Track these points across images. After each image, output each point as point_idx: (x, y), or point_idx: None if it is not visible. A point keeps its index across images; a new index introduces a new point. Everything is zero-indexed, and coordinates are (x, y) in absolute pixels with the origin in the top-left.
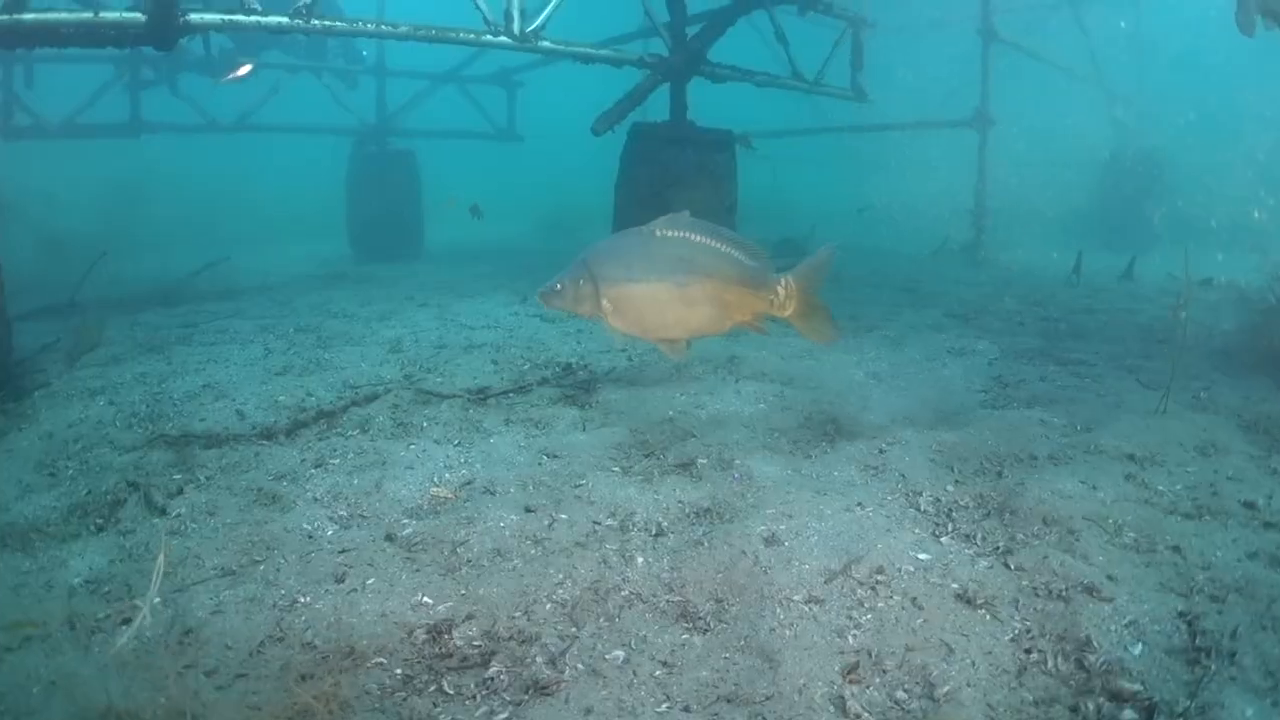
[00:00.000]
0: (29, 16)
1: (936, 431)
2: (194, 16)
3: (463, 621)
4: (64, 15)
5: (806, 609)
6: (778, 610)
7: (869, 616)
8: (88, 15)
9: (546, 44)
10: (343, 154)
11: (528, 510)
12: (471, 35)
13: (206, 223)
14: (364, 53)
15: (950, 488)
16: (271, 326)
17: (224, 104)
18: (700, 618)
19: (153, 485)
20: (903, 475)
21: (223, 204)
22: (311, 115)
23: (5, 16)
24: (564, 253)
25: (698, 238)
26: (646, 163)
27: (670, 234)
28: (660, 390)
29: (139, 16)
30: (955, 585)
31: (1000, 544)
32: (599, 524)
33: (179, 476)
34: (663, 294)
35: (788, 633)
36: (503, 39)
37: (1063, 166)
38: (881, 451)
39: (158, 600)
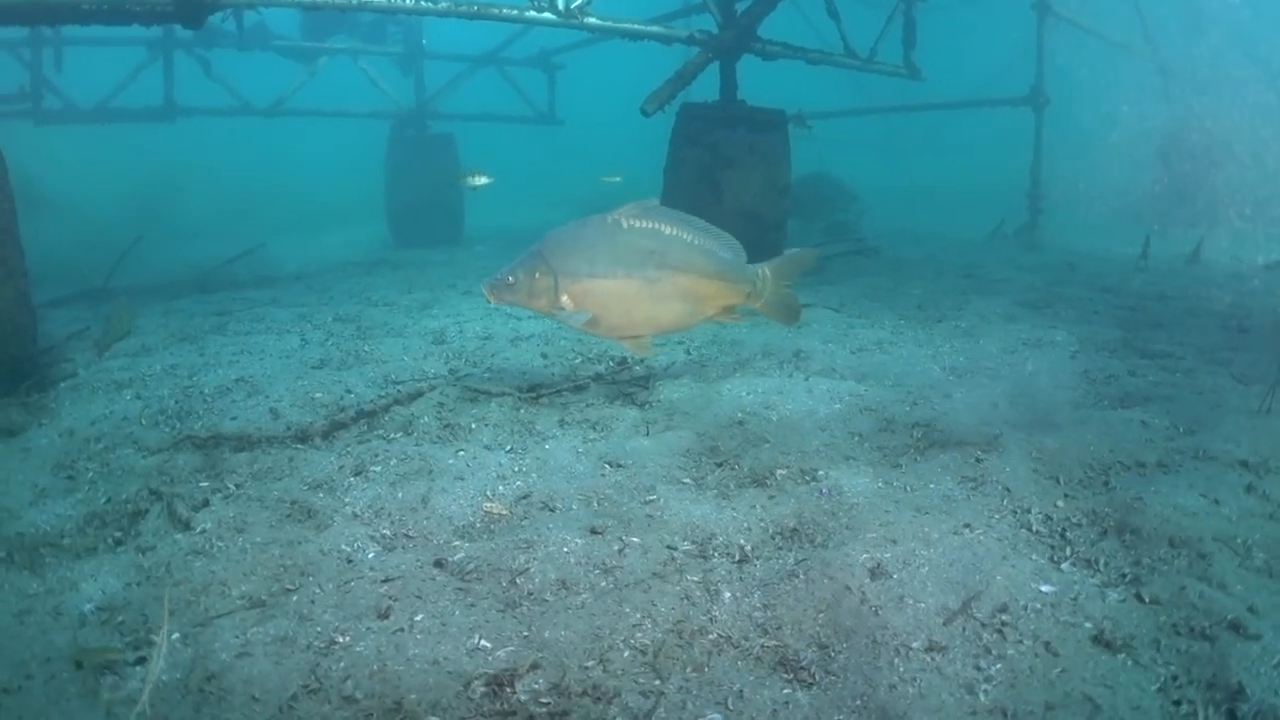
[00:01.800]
0: None
1: (1032, 435)
2: None
3: (527, 671)
4: None
5: (928, 659)
6: (895, 660)
7: (999, 666)
8: None
9: (593, 20)
10: (380, 138)
11: (594, 532)
12: (514, 12)
13: (243, 209)
14: (424, 41)
15: (1060, 503)
16: (309, 315)
17: (260, 88)
18: (803, 667)
19: (177, 495)
20: (1006, 489)
21: (259, 190)
22: (348, 99)
23: None
24: None
25: (669, 229)
26: (696, 144)
27: (639, 224)
28: (724, 388)
29: None
30: (1089, 624)
31: (1126, 571)
32: (675, 549)
33: (206, 484)
34: (631, 290)
35: (910, 690)
36: (547, 15)
37: (1118, 146)
38: (978, 460)
39: (176, 637)
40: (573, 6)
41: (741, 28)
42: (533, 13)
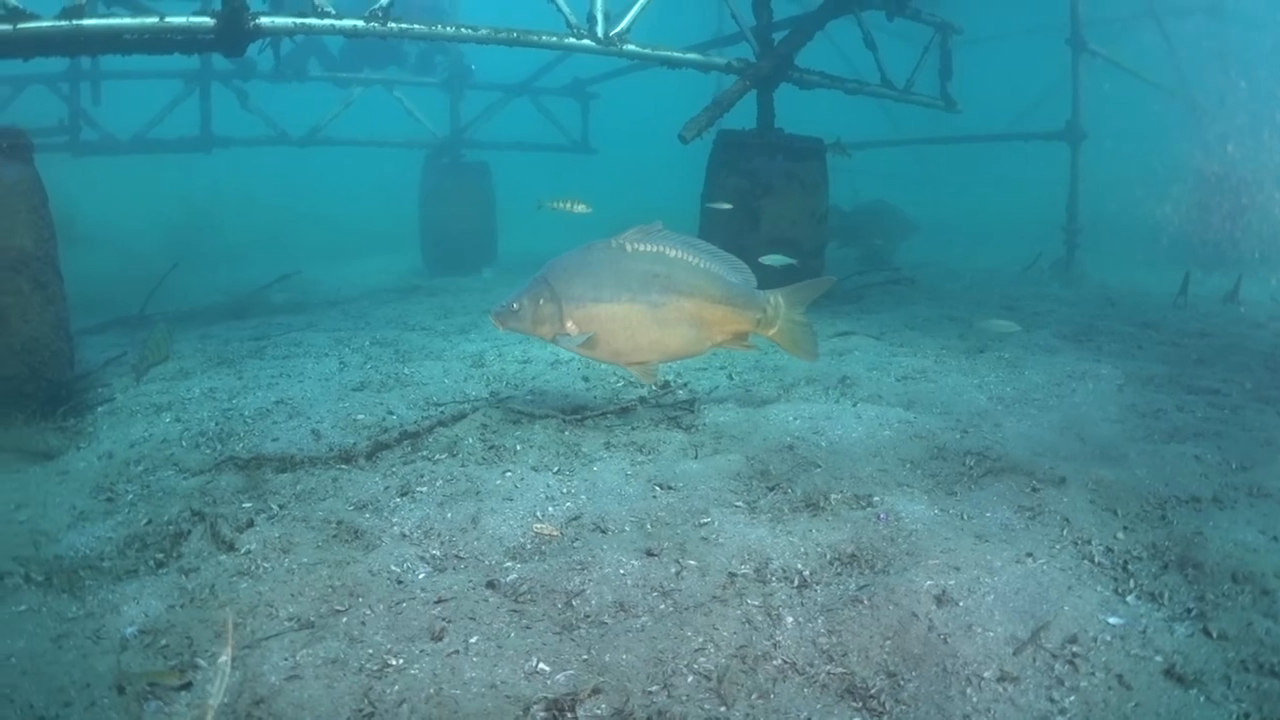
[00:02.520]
0: (90, 22)
1: (1087, 467)
2: (264, 20)
3: (588, 696)
4: (128, 21)
5: (1000, 689)
6: (967, 690)
7: (1073, 699)
8: (153, 21)
9: (632, 47)
10: (414, 167)
11: (649, 554)
12: (554, 38)
13: (277, 237)
14: (472, 66)
15: (1120, 535)
16: (346, 340)
17: (295, 117)
18: (871, 696)
19: (220, 515)
20: (1065, 519)
21: (294, 218)
22: (383, 128)
23: (66, 23)
24: None
25: (674, 252)
26: (734, 171)
27: (643, 248)
28: (771, 412)
29: (207, 21)
30: (1160, 658)
31: (1191, 605)
32: (734, 573)
33: (249, 505)
34: (635, 315)
35: None
36: (586, 42)
37: (1152, 183)
38: (1034, 490)
39: (223, 659)
40: (612, 34)
41: (779, 56)
42: (572, 39)
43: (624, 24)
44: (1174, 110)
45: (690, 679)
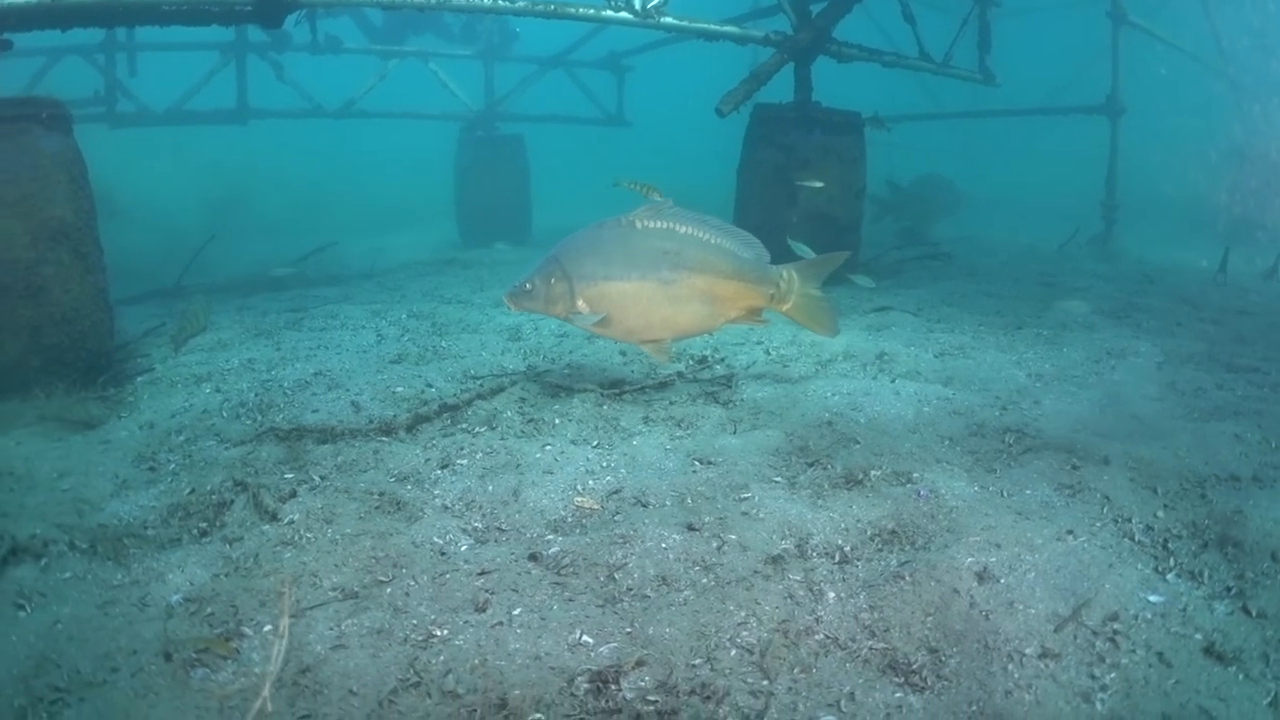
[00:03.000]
0: None
1: (1126, 445)
2: None
3: (632, 669)
4: None
5: (1042, 665)
6: (1009, 666)
7: (1113, 676)
8: None
9: (669, 20)
10: (449, 140)
11: (690, 528)
12: (591, 11)
13: (312, 210)
14: (517, 30)
15: (1160, 513)
16: (383, 312)
17: (330, 89)
18: (914, 671)
19: (263, 486)
20: (1105, 497)
21: (328, 191)
22: (418, 101)
23: None
24: None
25: (684, 228)
26: (771, 145)
27: (653, 225)
28: (809, 388)
29: None
30: (1199, 636)
31: (1231, 584)
32: (775, 548)
33: (291, 476)
34: (646, 293)
35: (1027, 696)
36: (624, 14)
37: (1190, 158)
38: (1074, 468)
39: (269, 629)
40: (649, 6)
41: (817, 29)
42: (609, 12)
43: None
44: (1214, 85)
45: (733, 652)
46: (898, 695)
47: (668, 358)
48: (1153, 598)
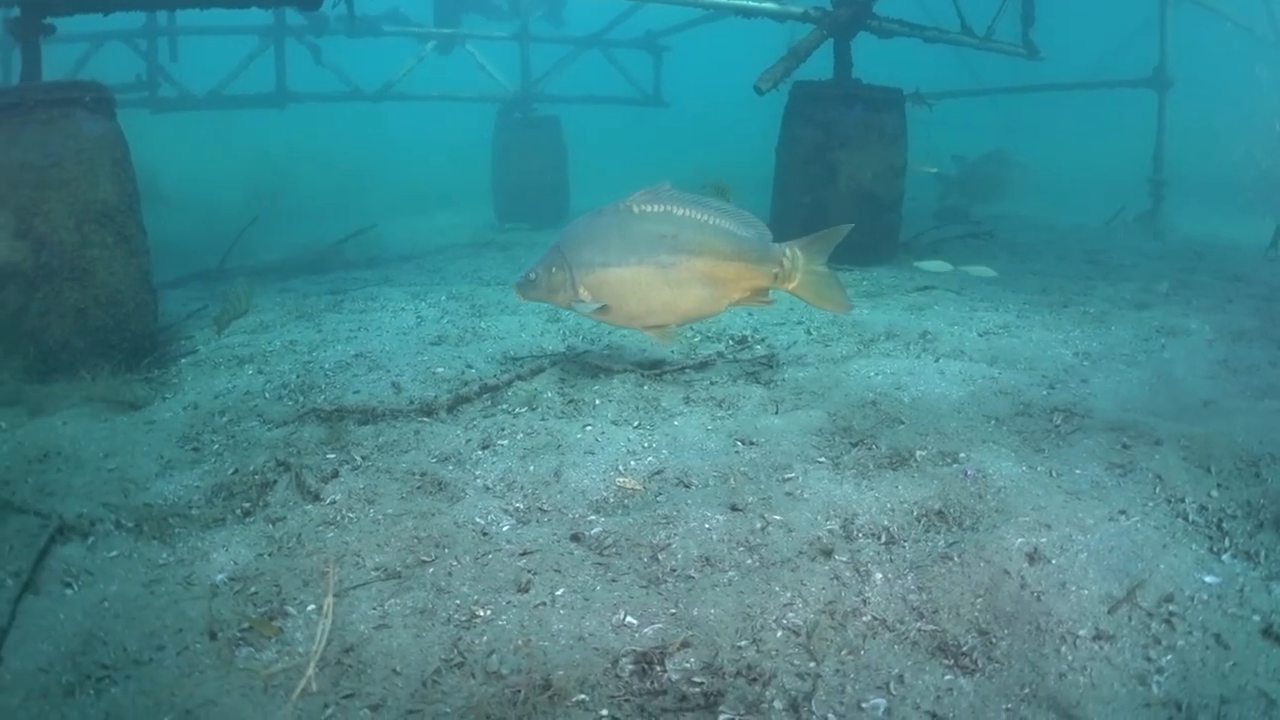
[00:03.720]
0: None
1: (1178, 424)
2: None
3: (677, 650)
4: None
5: (1096, 647)
6: (1062, 648)
7: (1170, 658)
8: None
9: None
10: (486, 121)
11: (734, 509)
12: None
13: (350, 192)
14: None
15: (1214, 493)
16: (422, 294)
17: (368, 73)
18: (963, 653)
19: (305, 466)
20: (1158, 476)
21: (365, 173)
22: (455, 83)
23: None
24: None
25: (681, 211)
26: (810, 123)
27: (650, 209)
28: (851, 368)
29: None
30: (1257, 618)
31: None
32: (819, 529)
33: (333, 456)
34: (645, 278)
35: (1081, 679)
36: None
37: (1238, 131)
38: (1125, 447)
39: (311, 608)
40: None
41: (858, 4)
42: None
43: None
44: (1265, 57)
45: (779, 634)
46: (948, 678)
47: (673, 343)
48: (1208, 579)
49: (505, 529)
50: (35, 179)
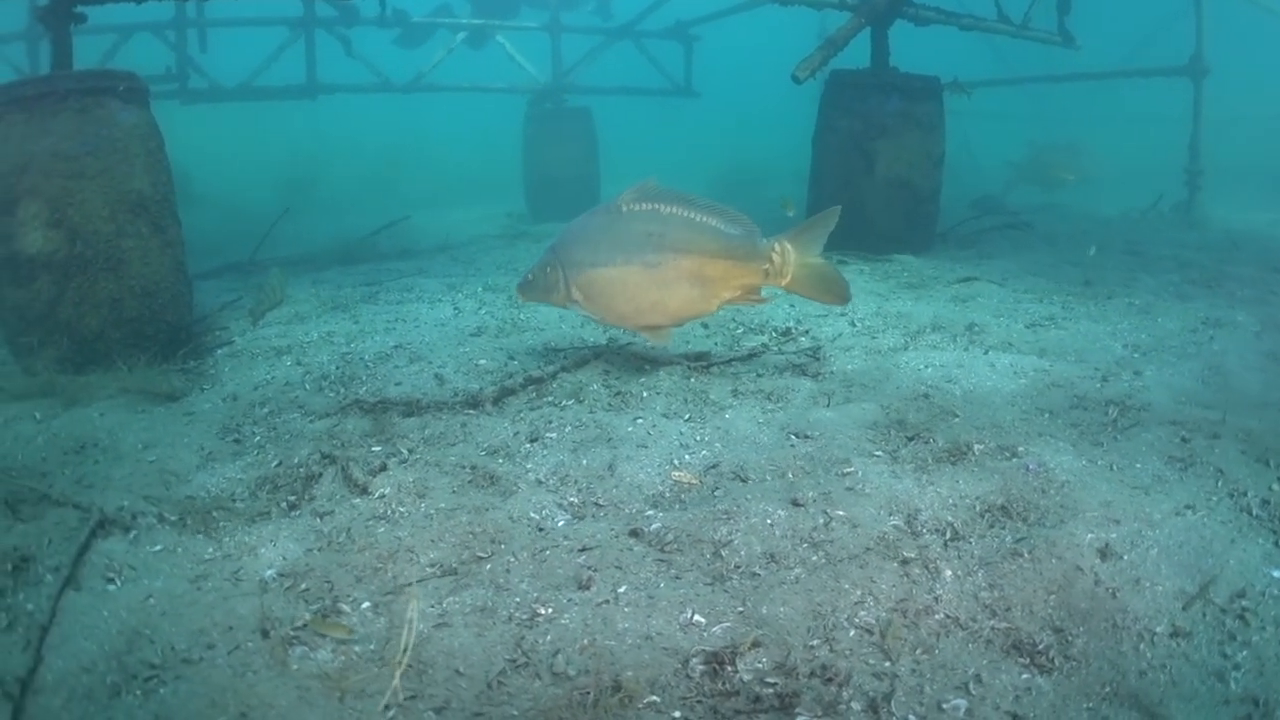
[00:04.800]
0: None
1: (1234, 416)
2: None
3: (748, 650)
4: None
5: (1173, 645)
6: (1140, 646)
7: (1245, 654)
8: None
9: None
10: (515, 113)
11: (795, 504)
12: None
13: (379, 184)
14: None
15: (1276, 486)
16: (458, 285)
17: (399, 65)
18: (1039, 651)
19: (351, 459)
20: (1219, 470)
21: (394, 165)
22: (486, 74)
23: None
24: (739, 208)
25: (668, 209)
26: (848, 113)
27: (637, 208)
28: (900, 360)
29: None
30: None
31: None
32: (883, 524)
33: (379, 449)
34: (632, 277)
35: (1162, 676)
36: None
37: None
38: (1184, 440)
39: (367, 606)
40: None
41: None
42: None
43: None
44: None
45: (852, 633)
46: (1025, 677)
47: (668, 342)
48: (1277, 573)
49: (561, 524)
50: (68, 169)
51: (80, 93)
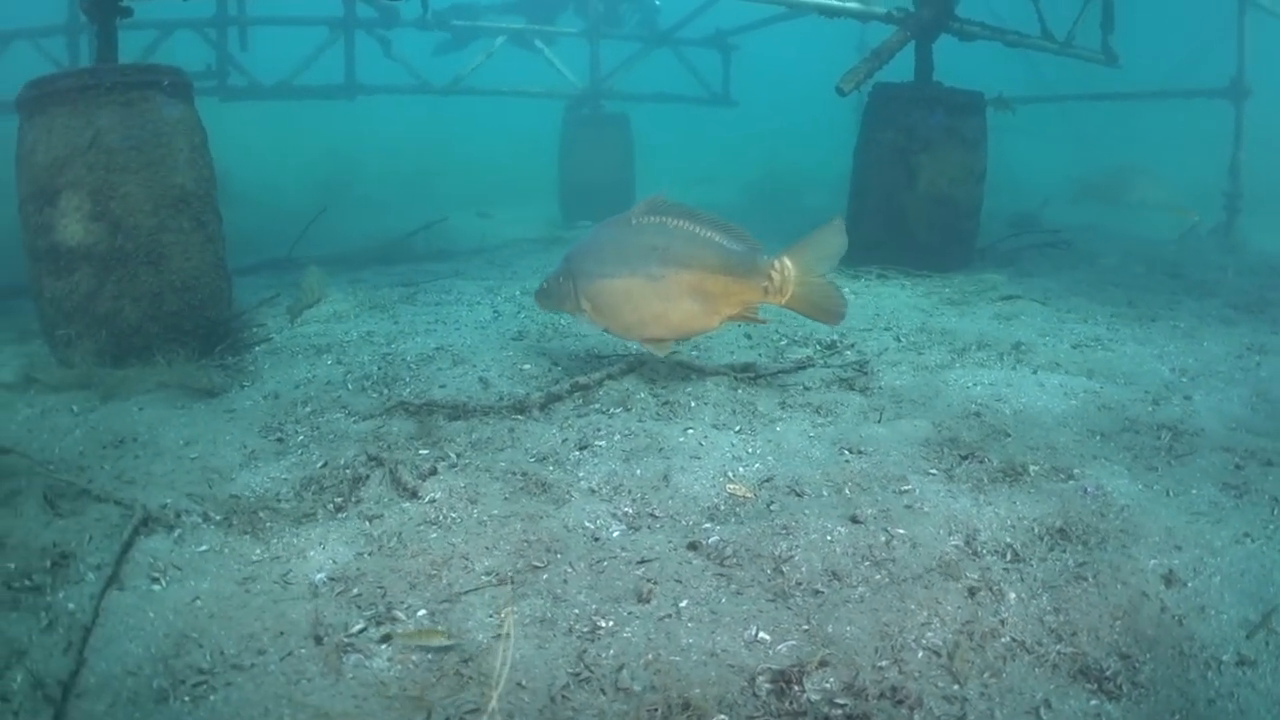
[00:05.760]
0: None
1: None
2: None
3: (815, 669)
4: None
5: (1240, 673)
6: (1208, 674)
7: None
8: None
9: None
10: (549, 118)
11: (854, 521)
12: None
13: (418, 185)
14: (657, 1)
15: None
16: (496, 289)
17: (438, 67)
18: (1106, 678)
19: (400, 462)
20: (1274, 498)
21: (433, 167)
22: (523, 78)
23: None
24: (773, 218)
25: (674, 223)
26: (891, 126)
27: (646, 221)
28: (949, 377)
29: None
30: None
31: None
32: (944, 544)
33: (426, 452)
34: (636, 289)
35: (1230, 705)
36: None
37: None
38: (1238, 467)
39: (422, 613)
40: None
41: (940, 5)
42: None
43: None
44: None
45: (920, 654)
46: (1093, 703)
47: (665, 353)
48: None
49: (616, 534)
50: (111, 161)
51: (125, 86)
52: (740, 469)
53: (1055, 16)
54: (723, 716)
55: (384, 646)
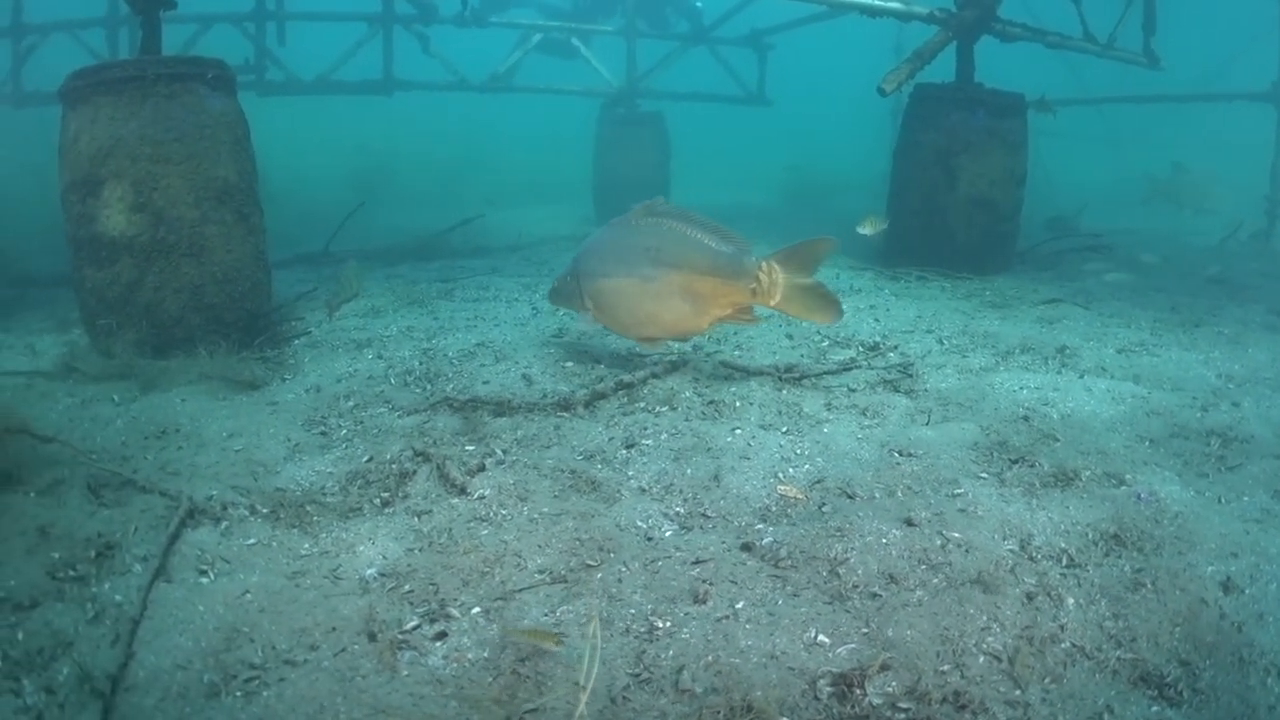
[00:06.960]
0: None
1: None
2: None
3: (876, 672)
4: None
5: None
6: (1268, 680)
7: None
8: None
9: None
10: (587, 115)
11: (909, 524)
12: None
13: (453, 182)
14: (699, 3)
15: None
16: (534, 286)
17: (475, 64)
18: (1167, 684)
19: (447, 457)
20: None
21: (469, 164)
22: (560, 76)
23: None
24: (804, 219)
25: (668, 225)
26: (931, 127)
27: (644, 222)
28: (994, 380)
29: None
30: None
31: None
32: (999, 548)
33: (472, 448)
34: (630, 289)
35: None
36: None
37: None
38: None
39: (477, 611)
40: None
41: (982, 6)
42: None
43: None
44: None
45: (981, 659)
46: (1155, 709)
47: (658, 351)
48: None
49: (669, 534)
50: (154, 153)
51: (169, 78)
52: (790, 470)
53: (1091, 18)
54: (784, 719)
55: (439, 644)
